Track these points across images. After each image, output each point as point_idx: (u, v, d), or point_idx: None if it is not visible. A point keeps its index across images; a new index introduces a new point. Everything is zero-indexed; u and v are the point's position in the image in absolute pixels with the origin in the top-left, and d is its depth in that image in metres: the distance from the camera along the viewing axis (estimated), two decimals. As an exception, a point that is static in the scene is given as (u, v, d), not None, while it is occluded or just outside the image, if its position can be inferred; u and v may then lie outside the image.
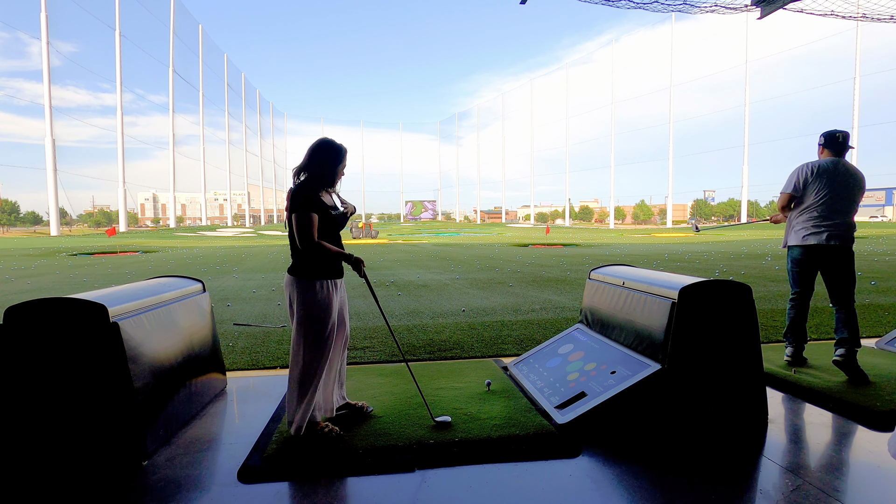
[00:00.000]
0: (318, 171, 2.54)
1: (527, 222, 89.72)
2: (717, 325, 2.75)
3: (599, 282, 3.80)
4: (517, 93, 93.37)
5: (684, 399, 2.74)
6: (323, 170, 2.55)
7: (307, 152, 2.57)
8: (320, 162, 2.55)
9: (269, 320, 6.00)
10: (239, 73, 77.62)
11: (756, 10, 9.02)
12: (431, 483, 2.22)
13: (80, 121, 59.60)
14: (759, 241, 25.18)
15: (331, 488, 2.18)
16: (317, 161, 2.54)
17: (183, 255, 19.99)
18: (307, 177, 2.54)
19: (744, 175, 57.28)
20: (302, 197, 2.47)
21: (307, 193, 2.49)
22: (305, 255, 2.50)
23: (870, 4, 10.44)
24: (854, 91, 49.14)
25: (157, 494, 2.12)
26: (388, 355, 4.33)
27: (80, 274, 12.40)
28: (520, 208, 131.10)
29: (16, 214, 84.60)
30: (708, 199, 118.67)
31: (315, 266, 2.53)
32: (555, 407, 2.88)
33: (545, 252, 19.97)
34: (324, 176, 2.56)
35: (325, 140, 2.59)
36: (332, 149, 2.57)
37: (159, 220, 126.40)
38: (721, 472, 2.28)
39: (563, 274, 11.08)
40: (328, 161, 2.56)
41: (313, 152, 2.55)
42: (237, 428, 2.87)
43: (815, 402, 3.06)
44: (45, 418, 2.29)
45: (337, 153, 2.58)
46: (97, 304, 2.33)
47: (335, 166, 2.58)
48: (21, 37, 54.99)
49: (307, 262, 2.52)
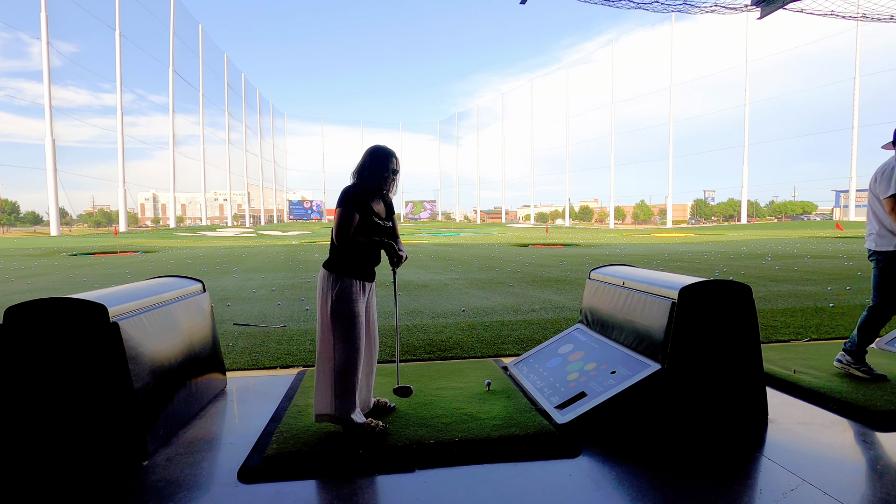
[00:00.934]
0: (367, 176, 2.63)
1: (527, 222, 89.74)
2: (717, 325, 2.75)
3: (599, 282, 3.80)
4: (517, 93, 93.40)
5: (684, 399, 2.74)
6: (374, 174, 2.63)
7: (363, 156, 2.68)
8: (371, 167, 2.63)
9: (269, 320, 6.00)
10: (239, 73, 77.67)
11: (756, 10, 9.02)
12: (431, 483, 2.22)
13: (80, 121, 59.65)
14: (760, 242, 25.18)
15: (331, 488, 2.17)
16: (368, 166, 2.63)
17: (183, 255, 19.99)
18: (358, 180, 2.64)
19: (744, 175, 57.29)
20: (349, 195, 2.55)
21: (355, 193, 2.57)
22: (341, 252, 2.56)
23: (870, 4, 10.44)
24: (854, 91, 49.14)
25: (157, 494, 2.12)
26: (388, 355, 4.33)
27: (80, 274, 12.40)
28: (520, 208, 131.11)
29: (16, 214, 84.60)
30: (708, 199, 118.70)
31: (349, 265, 2.58)
32: (555, 407, 2.88)
33: (545, 252, 19.97)
34: (373, 180, 2.64)
35: (377, 146, 2.68)
36: (381, 154, 2.65)
37: (159, 220, 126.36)
38: (721, 471, 2.28)
39: (563, 274, 11.08)
40: (378, 167, 2.64)
41: (369, 157, 2.65)
42: (237, 428, 2.87)
43: (815, 402, 3.06)
44: (45, 418, 2.29)
45: (385, 158, 2.65)
46: (97, 304, 2.33)
47: (383, 172, 2.65)
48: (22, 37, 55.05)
49: (342, 260, 2.57)
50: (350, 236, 2.52)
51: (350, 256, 2.57)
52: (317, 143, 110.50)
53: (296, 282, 10.30)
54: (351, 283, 2.57)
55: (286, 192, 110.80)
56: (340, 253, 2.56)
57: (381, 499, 2.09)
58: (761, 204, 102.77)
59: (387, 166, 2.64)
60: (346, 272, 2.57)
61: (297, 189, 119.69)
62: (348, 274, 2.58)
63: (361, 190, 2.60)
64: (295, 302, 7.49)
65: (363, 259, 2.61)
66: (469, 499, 2.09)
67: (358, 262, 2.60)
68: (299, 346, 4.69)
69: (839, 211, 78.09)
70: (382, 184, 2.66)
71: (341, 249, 2.54)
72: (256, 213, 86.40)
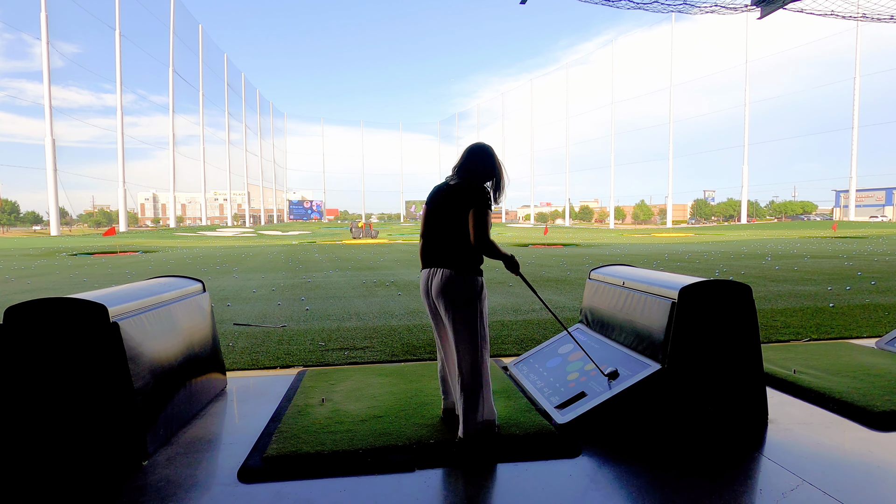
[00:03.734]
0: (496, 180, 2.57)
1: (527, 222, 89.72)
2: (717, 325, 2.75)
3: (599, 282, 3.80)
4: (516, 93, 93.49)
5: (684, 399, 2.74)
6: (497, 181, 2.57)
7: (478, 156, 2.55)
8: (495, 171, 2.56)
9: (269, 320, 6.00)
10: (239, 73, 77.71)
11: (756, 10, 9.03)
12: (431, 483, 2.22)
13: (81, 121, 59.69)
14: (760, 242, 25.19)
15: (331, 488, 2.17)
16: (493, 169, 2.55)
17: (183, 255, 19.99)
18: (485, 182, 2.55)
19: (744, 175, 57.30)
20: (486, 196, 2.45)
21: (488, 194, 2.48)
22: (472, 252, 2.45)
23: (870, 4, 10.44)
24: (854, 91, 49.15)
25: (157, 494, 2.12)
26: (388, 355, 4.33)
27: (80, 274, 12.39)
28: (520, 208, 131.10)
29: (16, 214, 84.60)
30: (708, 199, 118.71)
31: (474, 262, 2.48)
32: (555, 407, 2.87)
33: (545, 252, 19.97)
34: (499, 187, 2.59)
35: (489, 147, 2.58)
36: (497, 159, 2.57)
37: (159, 220, 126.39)
38: (721, 471, 2.28)
39: (563, 274, 11.08)
40: (500, 172, 2.58)
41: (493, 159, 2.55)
42: (237, 428, 2.87)
43: (815, 402, 3.06)
44: (45, 418, 2.29)
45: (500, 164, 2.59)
46: (97, 304, 2.33)
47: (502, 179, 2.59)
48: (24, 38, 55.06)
49: (471, 259, 2.47)
50: (491, 239, 2.44)
51: (479, 256, 2.49)
52: (317, 143, 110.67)
53: (296, 282, 10.30)
54: (483, 281, 2.50)
55: (286, 192, 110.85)
56: (471, 254, 2.46)
57: (382, 499, 2.09)
58: (761, 204, 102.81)
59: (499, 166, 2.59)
60: (478, 271, 2.49)
61: (297, 189, 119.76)
62: (480, 272, 2.50)
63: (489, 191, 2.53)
64: (295, 302, 7.49)
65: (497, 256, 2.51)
66: (469, 499, 2.09)
67: (482, 260, 2.52)
68: (299, 346, 4.69)
69: (839, 211, 78.12)
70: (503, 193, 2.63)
71: (481, 250, 2.43)
72: (256, 212, 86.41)
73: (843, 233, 33.51)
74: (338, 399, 3.11)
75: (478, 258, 2.48)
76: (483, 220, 2.40)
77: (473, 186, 2.46)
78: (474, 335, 2.45)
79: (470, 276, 2.45)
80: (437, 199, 2.55)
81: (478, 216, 2.39)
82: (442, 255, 2.49)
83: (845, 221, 50.40)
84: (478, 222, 2.39)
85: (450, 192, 2.50)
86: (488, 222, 2.43)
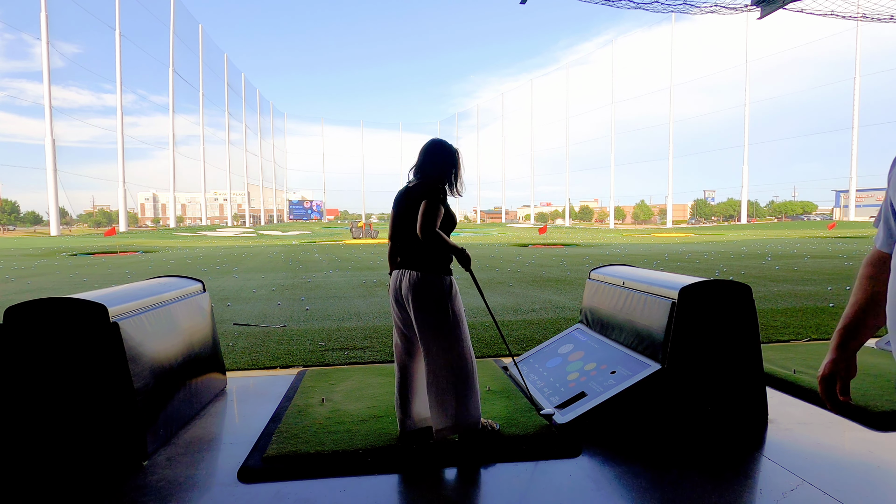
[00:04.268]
0: (450, 174, 2.54)
1: (527, 222, 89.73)
2: (717, 325, 2.75)
3: (599, 282, 3.80)
4: (516, 93, 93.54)
5: (684, 399, 2.74)
6: (453, 173, 2.55)
7: (430, 153, 2.53)
8: (450, 165, 2.53)
9: (269, 320, 6.00)
10: (239, 73, 77.74)
11: (756, 10, 9.03)
12: (431, 483, 2.22)
13: (81, 121, 59.80)
14: (760, 242, 25.20)
15: (331, 488, 2.17)
16: (445, 164, 2.52)
17: (183, 255, 19.99)
18: (438, 178, 2.51)
19: (744, 175, 57.30)
20: (436, 189, 2.41)
21: (440, 189, 2.44)
22: (427, 249, 2.41)
23: (870, 4, 10.45)
24: (854, 91, 49.16)
25: (157, 494, 2.12)
26: (388, 355, 4.33)
27: (80, 274, 12.39)
28: (520, 208, 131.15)
29: (16, 214, 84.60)
30: (708, 199, 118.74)
31: (441, 262, 2.44)
32: (555, 407, 2.87)
33: (545, 252, 19.97)
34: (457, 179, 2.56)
35: (442, 141, 2.56)
36: (451, 151, 2.56)
37: (159, 220, 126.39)
38: (721, 471, 2.28)
39: (563, 274, 11.08)
40: (456, 165, 2.55)
41: (447, 153, 2.53)
42: (237, 428, 2.87)
43: (815, 402, 3.06)
44: (45, 418, 2.29)
45: (455, 156, 2.56)
46: (97, 304, 2.33)
47: (459, 170, 2.57)
48: (25, 38, 55.13)
49: (435, 258, 2.43)
50: (437, 230, 2.35)
51: (434, 252, 2.44)
52: (317, 143, 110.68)
53: (296, 282, 10.30)
54: (451, 279, 2.47)
55: (286, 192, 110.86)
56: (431, 253, 2.43)
57: (382, 499, 2.09)
58: (761, 204, 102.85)
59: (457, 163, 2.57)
60: (444, 270, 2.45)
61: (298, 189, 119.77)
62: (447, 271, 2.46)
63: (442, 188, 2.49)
64: (295, 302, 7.49)
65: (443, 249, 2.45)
66: (469, 498, 2.09)
67: (440, 256, 2.46)
68: (299, 346, 4.69)
69: (839, 211, 78.18)
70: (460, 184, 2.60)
71: (425, 242, 2.36)
72: (256, 212, 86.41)
73: (842, 232, 33.50)
74: (338, 399, 3.11)
75: (445, 257, 2.45)
76: (430, 210, 2.33)
77: (428, 184, 2.44)
78: (447, 336, 2.40)
79: (437, 276, 2.41)
80: (400, 202, 2.54)
81: (426, 207, 2.34)
82: (408, 257, 2.47)
83: (845, 221, 50.41)
84: (424, 212, 2.33)
85: (409, 194, 2.49)
86: (436, 214, 2.35)
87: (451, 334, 2.41)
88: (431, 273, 2.41)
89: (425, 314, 2.39)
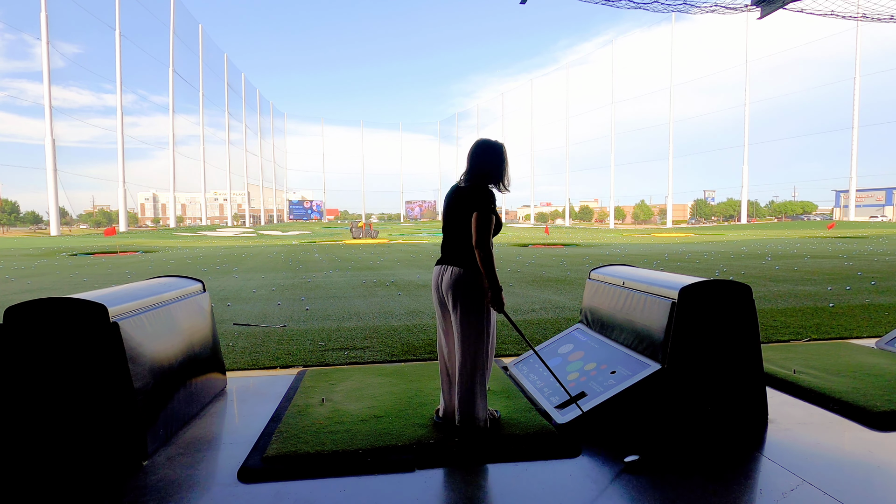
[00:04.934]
0: (497, 172, 2.58)
1: (527, 222, 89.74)
2: (717, 325, 2.75)
3: (599, 282, 3.80)
4: (516, 93, 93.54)
5: (684, 399, 2.74)
6: (501, 170, 2.59)
7: (477, 156, 2.58)
8: (497, 163, 2.57)
9: (269, 320, 6.00)
10: (239, 73, 77.77)
11: (756, 10, 9.03)
12: (431, 483, 2.22)
13: (81, 121, 59.81)
14: (760, 241, 25.20)
15: (331, 488, 2.17)
16: (493, 162, 2.57)
17: (183, 255, 20.00)
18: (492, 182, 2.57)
19: (744, 175, 57.30)
20: (489, 199, 2.50)
21: (491, 197, 2.52)
22: (470, 249, 2.51)
23: (870, 4, 10.45)
24: (854, 91, 49.17)
25: (157, 494, 2.12)
26: (388, 355, 4.33)
27: (80, 274, 12.40)
28: (520, 208, 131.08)
29: (16, 214, 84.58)
30: (708, 199, 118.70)
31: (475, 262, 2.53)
32: (555, 407, 2.87)
33: (545, 252, 19.97)
34: (504, 175, 2.60)
35: (486, 141, 2.60)
36: (497, 149, 2.59)
37: (159, 220, 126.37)
38: (721, 471, 2.28)
39: (563, 274, 11.08)
40: (503, 162, 2.59)
41: (493, 153, 2.57)
42: (237, 428, 2.87)
43: (815, 402, 3.06)
44: (45, 418, 2.29)
45: (501, 153, 2.60)
46: (97, 303, 2.33)
47: (505, 166, 2.61)
48: (26, 38, 55.09)
49: (473, 257, 2.52)
50: (491, 247, 2.51)
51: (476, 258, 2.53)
52: (317, 143, 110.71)
53: (296, 282, 10.30)
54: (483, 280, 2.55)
55: (286, 192, 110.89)
56: (471, 252, 2.52)
57: (382, 499, 2.09)
58: (761, 204, 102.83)
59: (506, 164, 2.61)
60: (479, 269, 2.53)
61: (297, 189, 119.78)
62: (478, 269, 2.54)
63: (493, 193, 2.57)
64: (295, 302, 7.49)
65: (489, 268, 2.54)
66: (469, 499, 2.09)
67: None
68: (299, 346, 4.69)
69: (839, 211, 78.13)
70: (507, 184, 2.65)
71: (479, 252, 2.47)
72: (256, 212, 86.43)
73: (842, 232, 33.51)
74: (338, 399, 3.11)
75: (472, 255, 2.54)
76: (483, 223, 2.47)
77: (478, 189, 2.53)
78: (479, 333, 2.54)
79: (477, 274, 2.52)
80: (450, 201, 2.65)
81: (479, 220, 2.47)
82: (453, 254, 2.60)
83: (845, 221, 50.43)
84: (478, 226, 2.47)
85: (459, 195, 2.59)
86: (489, 227, 2.49)
87: (484, 331, 2.55)
88: (474, 271, 2.53)
89: (462, 309, 2.53)
